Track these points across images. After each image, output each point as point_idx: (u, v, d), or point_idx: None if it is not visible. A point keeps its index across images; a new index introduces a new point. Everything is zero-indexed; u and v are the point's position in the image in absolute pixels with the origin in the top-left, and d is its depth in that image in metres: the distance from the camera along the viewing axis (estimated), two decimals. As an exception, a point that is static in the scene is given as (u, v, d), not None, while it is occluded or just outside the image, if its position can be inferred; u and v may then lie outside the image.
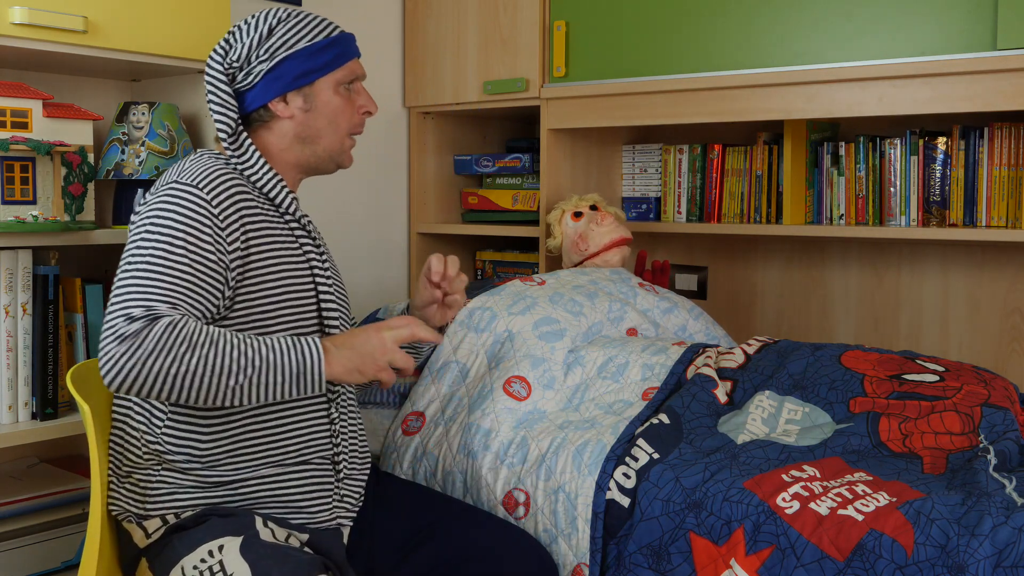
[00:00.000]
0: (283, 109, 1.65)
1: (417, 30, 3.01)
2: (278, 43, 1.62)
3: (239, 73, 1.63)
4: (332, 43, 1.66)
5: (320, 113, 1.66)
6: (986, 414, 1.78)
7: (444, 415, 2.05)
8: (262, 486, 1.57)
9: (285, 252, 1.61)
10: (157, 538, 1.54)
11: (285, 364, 1.44)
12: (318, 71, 1.64)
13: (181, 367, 1.38)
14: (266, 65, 1.62)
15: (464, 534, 1.70)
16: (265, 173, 1.62)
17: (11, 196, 1.87)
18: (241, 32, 1.64)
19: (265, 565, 1.43)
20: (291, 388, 1.45)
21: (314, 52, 1.64)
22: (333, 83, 1.66)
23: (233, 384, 1.41)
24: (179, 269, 1.46)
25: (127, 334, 1.37)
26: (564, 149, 2.84)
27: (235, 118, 1.63)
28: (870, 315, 2.77)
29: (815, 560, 1.52)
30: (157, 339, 1.37)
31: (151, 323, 1.38)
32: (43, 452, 2.20)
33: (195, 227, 1.49)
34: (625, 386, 2.04)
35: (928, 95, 2.21)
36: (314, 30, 1.65)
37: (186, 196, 1.51)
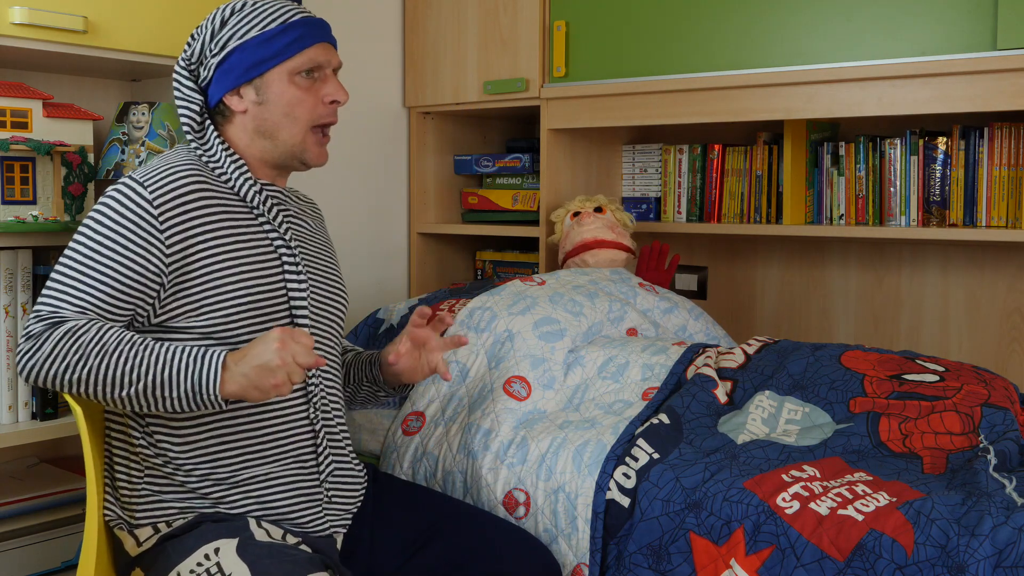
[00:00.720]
0: (237, 103, 1.58)
1: (417, 30, 3.01)
2: (228, 34, 1.56)
3: (199, 67, 1.59)
4: (286, 29, 1.56)
5: (273, 105, 1.58)
6: (986, 414, 1.78)
7: (444, 415, 2.05)
8: (248, 494, 1.55)
9: (250, 249, 1.56)
10: (149, 547, 1.53)
11: (178, 381, 1.40)
12: (268, 60, 1.55)
13: (74, 375, 1.40)
14: (217, 58, 1.56)
15: (466, 535, 1.69)
16: (229, 167, 1.57)
17: (11, 196, 1.87)
18: (201, 28, 1.59)
19: (264, 565, 1.42)
20: (186, 404, 1.42)
21: (264, 40, 1.55)
22: (287, 73, 1.57)
23: (123, 394, 1.41)
24: (101, 273, 1.45)
25: (31, 334, 1.42)
26: (564, 149, 2.84)
27: (196, 113, 1.59)
28: (870, 315, 2.77)
29: (815, 560, 1.52)
30: (53, 345, 1.40)
31: (52, 327, 1.41)
32: (43, 452, 2.20)
33: (128, 228, 1.47)
34: (625, 386, 2.04)
35: (928, 95, 2.21)
36: (267, 18, 1.56)
37: (127, 196, 1.48)
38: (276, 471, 1.57)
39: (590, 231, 2.53)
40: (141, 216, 1.47)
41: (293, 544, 1.53)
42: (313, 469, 1.61)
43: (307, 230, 1.71)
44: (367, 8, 2.94)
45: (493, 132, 3.30)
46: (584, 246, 2.52)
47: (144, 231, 1.47)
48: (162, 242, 1.48)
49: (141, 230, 1.47)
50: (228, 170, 1.58)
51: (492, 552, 1.67)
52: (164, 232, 1.48)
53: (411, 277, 3.12)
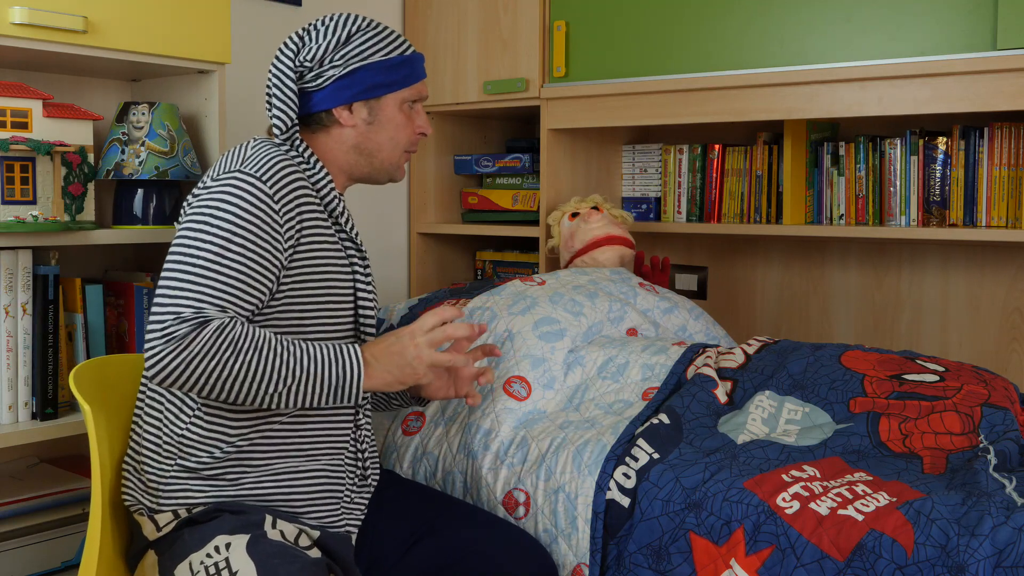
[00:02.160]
0: (347, 117, 1.65)
1: (417, 30, 3.01)
2: (354, 51, 1.63)
3: (308, 73, 1.63)
4: (405, 61, 1.67)
5: (382, 127, 1.67)
6: (986, 414, 1.78)
7: (444, 415, 2.05)
8: (278, 485, 1.58)
9: (331, 254, 1.61)
10: (168, 532, 1.55)
11: (325, 376, 1.47)
12: (388, 86, 1.65)
13: (224, 371, 1.41)
14: (338, 71, 1.62)
15: (463, 534, 1.69)
16: (318, 172, 1.62)
17: (11, 196, 1.87)
18: (318, 33, 1.63)
19: (271, 564, 1.43)
20: (328, 398, 1.49)
21: (387, 67, 1.65)
22: (399, 100, 1.68)
23: (273, 392, 1.45)
24: (235, 270, 1.47)
25: (176, 335, 1.40)
26: (564, 149, 2.84)
27: (293, 116, 1.62)
28: (870, 315, 2.77)
29: (815, 560, 1.52)
30: (204, 343, 1.40)
31: (200, 327, 1.41)
32: (43, 452, 2.20)
33: (255, 223, 1.49)
34: (625, 386, 2.04)
35: (928, 95, 2.21)
36: (389, 45, 1.66)
37: (248, 188, 1.51)
38: (315, 468, 1.61)
39: (600, 228, 2.53)
40: (266, 209, 1.51)
41: (305, 546, 1.55)
42: (353, 469, 1.66)
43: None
44: (367, 8, 2.94)
45: (493, 132, 3.30)
46: (596, 243, 2.52)
47: (270, 225, 1.51)
48: (282, 236, 1.53)
49: (268, 223, 1.51)
50: (318, 177, 1.63)
51: (488, 552, 1.68)
52: (283, 225, 1.53)
53: (411, 277, 3.12)
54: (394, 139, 1.69)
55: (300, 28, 1.66)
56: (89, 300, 2.02)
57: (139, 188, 2.12)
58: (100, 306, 2.04)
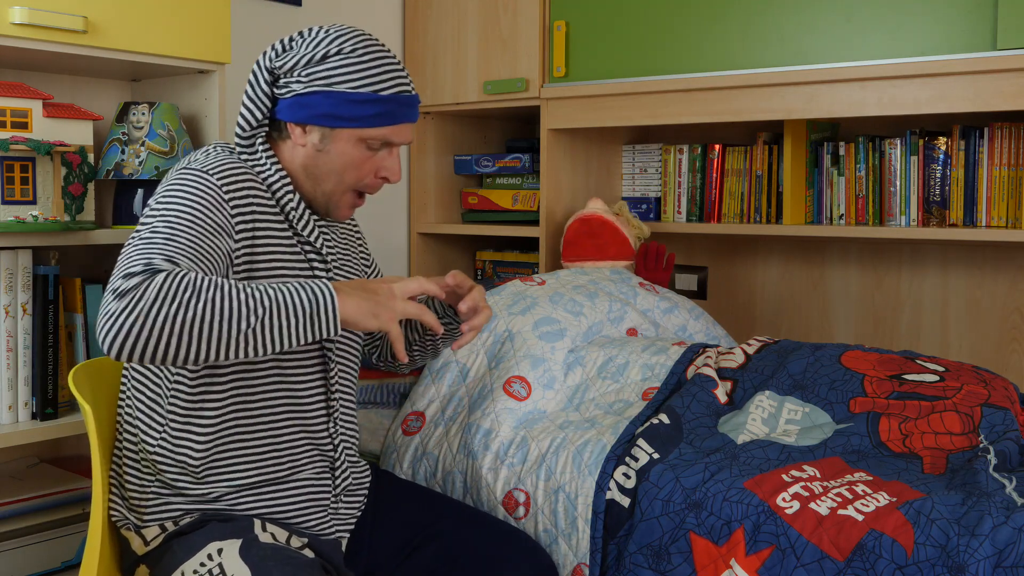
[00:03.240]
0: (299, 136, 1.57)
1: (417, 30, 3.01)
2: (321, 74, 1.53)
3: (280, 79, 1.57)
4: (376, 101, 1.54)
5: (330, 159, 1.57)
6: (986, 414, 1.78)
7: (444, 415, 2.05)
8: (258, 500, 1.56)
9: (287, 257, 1.56)
10: (156, 545, 1.54)
11: (296, 304, 1.35)
12: (342, 120, 1.54)
13: (187, 314, 1.27)
14: (300, 87, 1.54)
15: (463, 536, 1.69)
16: (274, 174, 1.57)
17: (11, 196, 1.87)
18: (302, 43, 1.56)
19: (266, 567, 1.42)
20: (305, 330, 1.35)
21: (349, 101, 1.53)
22: (356, 137, 1.56)
23: (245, 328, 1.31)
24: (185, 235, 1.39)
25: (126, 289, 1.27)
26: (564, 149, 2.84)
27: (260, 118, 1.57)
28: (870, 315, 2.77)
29: (815, 560, 1.52)
30: (158, 288, 1.27)
31: (151, 276, 1.29)
32: (43, 452, 2.20)
33: (204, 205, 1.44)
34: (625, 386, 2.04)
35: (928, 95, 2.21)
36: (366, 79, 1.54)
37: (196, 180, 1.47)
38: (290, 481, 1.58)
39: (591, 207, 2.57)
40: (215, 198, 1.46)
41: (297, 547, 1.54)
42: (327, 479, 1.63)
43: (340, 244, 1.72)
44: (367, 8, 2.94)
45: (493, 132, 3.30)
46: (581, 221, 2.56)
47: (219, 212, 1.46)
48: (232, 227, 1.48)
49: (217, 210, 1.46)
50: (272, 179, 1.57)
51: (488, 554, 1.67)
52: (233, 219, 1.48)
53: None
54: (339, 175, 1.58)
55: (297, 32, 1.61)
56: (89, 300, 2.02)
57: (139, 188, 2.11)
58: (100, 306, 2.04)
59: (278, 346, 1.35)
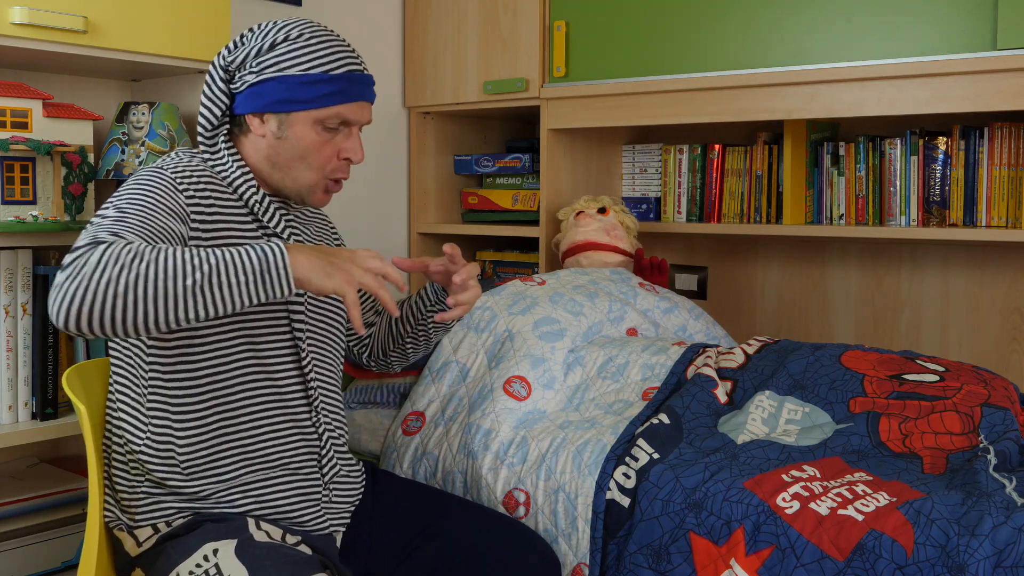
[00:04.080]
0: (258, 126, 1.58)
1: (417, 30, 3.01)
2: (271, 61, 1.55)
3: (235, 75, 1.58)
4: (328, 80, 1.55)
5: (291, 145, 1.58)
6: (986, 414, 1.78)
7: (444, 415, 2.05)
8: (247, 496, 1.56)
9: None
10: (149, 547, 1.53)
11: (244, 260, 1.31)
12: (298, 103, 1.55)
13: (128, 274, 1.26)
14: (252, 78, 1.56)
15: (466, 532, 1.69)
16: (235, 171, 1.58)
17: (11, 196, 1.87)
18: (251, 37, 1.59)
19: (263, 566, 1.42)
20: (256, 288, 1.32)
21: (301, 83, 1.54)
22: (312, 120, 1.56)
23: (189, 283, 1.27)
24: (135, 216, 1.40)
25: (69, 261, 1.28)
26: (564, 149, 2.84)
27: (219, 115, 1.59)
28: (870, 315, 2.77)
29: (815, 560, 1.52)
30: (100, 254, 1.27)
31: (93, 247, 1.28)
32: (43, 452, 2.20)
33: (156, 195, 1.46)
34: (625, 386, 2.04)
35: (928, 95, 2.21)
36: (316, 60, 1.55)
37: (149, 174, 1.51)
38: (277, 473, 1.58)
39: (583, 232, 2.54)
40: (169, 189, 1.49)
41: (292, 544, 1.54)
42: (316, 472, 1.62)
43: (309, 235, 1.71)
44: (367, 8, 2.94)
45: (493, 132, 3.30)
46: (577, 247, 2.54)
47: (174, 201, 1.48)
48: (186, 213, 1.49)
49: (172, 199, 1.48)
50: (233, 176, 1.58)
51: (492, 548, 1.67)
52: (188, 207, 1.50)
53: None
54: (305, 160, 1.58)
55: (246, 29, 1.61)
56: (89, 300, 2.02)
57: (139, 188, 2.12)
58: (100, 306, 2.04)
59: (228, 304, 1.31)
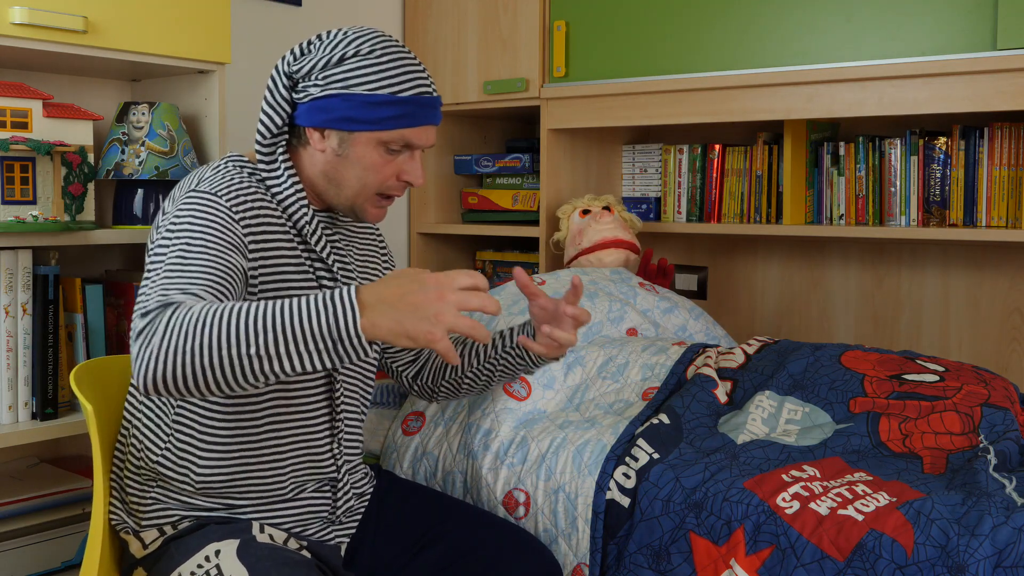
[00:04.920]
0: (318, 141, 1.54)
1: (417, 30, 3.01)
2: (339, 76, 1.50)
3: (299, 83, 1.54)
4: (395, 103, 1.50)
5: (350, 162, 1.54)
6: (986, 414, 1.78)
7: (444, 415, 2.05)
8: (257, 512, 1.57)
9: (293, 273, 1.54)
10: (154, 549, 1.54)
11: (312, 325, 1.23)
12: (361, 123, 1.50)
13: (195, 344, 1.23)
14: (318, 91, 1.51)
15: (467, 537, 1.69)
16: (288, 188, 1.54)
17: (11, 196, 1.87)
18: (320, 46, 1.54)
19: (263, 567, 1.43)
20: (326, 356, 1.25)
21: (367, 103, 1.50)
22: (376, 140, 1.52)
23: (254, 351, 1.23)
24: (198, 262, 1.38)
25: (140, 329, 1.27)
26: (564, 149, 2.84)
27: (280, 124, 1.54)
28: (870, 315, 2.77)
29: (815, 560, 1.52)
30: (167, 323, 1.25)
31: (162, 311, 1.27)
32: (43, 452, 2.20)
33: (216, 229, 1.43)
34: (625, 386, 2.04)
35: (928, 95, 2.21)
36: (384, 81, 1.50)
37: (206, 202, 1.46)
38: (293, 498, 1.59)
39: (609, 230, 2.53)
40: (226, 220, 1.45)
41: (295, 548, 1.54)
42: (329, 498, 1.64)
43: (355, 256, 1.69)
44: (367, 8, 2.94)
45: (493, 132, 3.30)
46: (604, 244, 2.52)
47: (232, 234, 1.45)
48: (243, 243, 1.46)
49: (230, 232, 1.45)
50: (286, 194, 1.55)
51: (493, 553, 1.67)
52: (245, 238, 1.47)
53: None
54: (362, 179, 1.55)
55: (316, 35, 1.58)
56: (89, 300, 2.02)
57: (139, 188, 2.12)
58: (100, 306, 2.04)
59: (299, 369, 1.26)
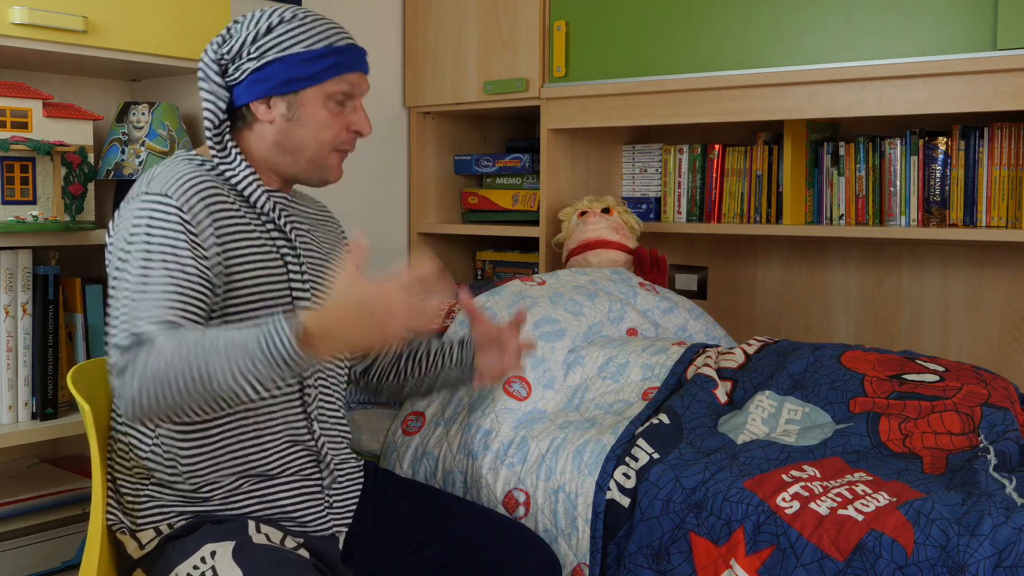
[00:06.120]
0: (264, 112, 1.56)
1: (417, 30, 3.01)
2: (271, 43, 1.54)
3: (230, 66, 1.56)
4: (331, 52, 1.56)
5: (303, 124, 1.57)
6: (986, 414, 1.78)
7: (444, 415, 2.05)
8: (250, 498, 1.56)
9: (261, 255, 1.56)
10: (151, 549, 1.54)
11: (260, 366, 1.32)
12: (306, 80, 1.54)
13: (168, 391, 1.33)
14: (254, 63, 1.54)
15: (467, 531, 1.69)
16: (241, 172, 1.56)
17: (11, 196, 1.87)
18: (241, 25, 1.56)
19: (259, 569, 1.43)
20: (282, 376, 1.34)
21: (307, 59, 1.54)
22: (322, 95, 1.57)
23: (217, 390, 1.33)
24: (161, 284, 1.42)
25: (121, 367, 1.36)
26: (564, 149, 2.84)
27: (221, 110, 1.56)
28: (870, 315, 2.77)
29: (815, 560, 1.52)
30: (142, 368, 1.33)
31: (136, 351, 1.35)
32: (43, 452, 2.20)
33: (172, 238, 1.45)
34: (625, 386, 2.04)
35: (928, 95, 2.21)
36: (314, 36, 1.55)
37: (156, 207, 1.47)
38: (279, 480, 1.59)
39: (594, 230, 2.54)
40: (178, 223, 1.46)
41: (292, 548, 1.54)
42: (316, 478, 1.63)
43: (314, 236, 1.71)
44: (367, 8, 2.94)
45: (493, 132, 3.30)
46: (587, 245, 2.53)
47: (185, 236, 1.46)
48: (201, 245, 1.48)
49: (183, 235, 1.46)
50: (240, 175, 1.56)
51: (493, 548, 1.67)
52: (199, 236, 1.48)
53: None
54: (317, 137, 1.58)
55: (232, 20, 1.60)
56: (89, 300, 2.02)
57: (139, 188, 2.12)
58: (100, 306, 2.04)
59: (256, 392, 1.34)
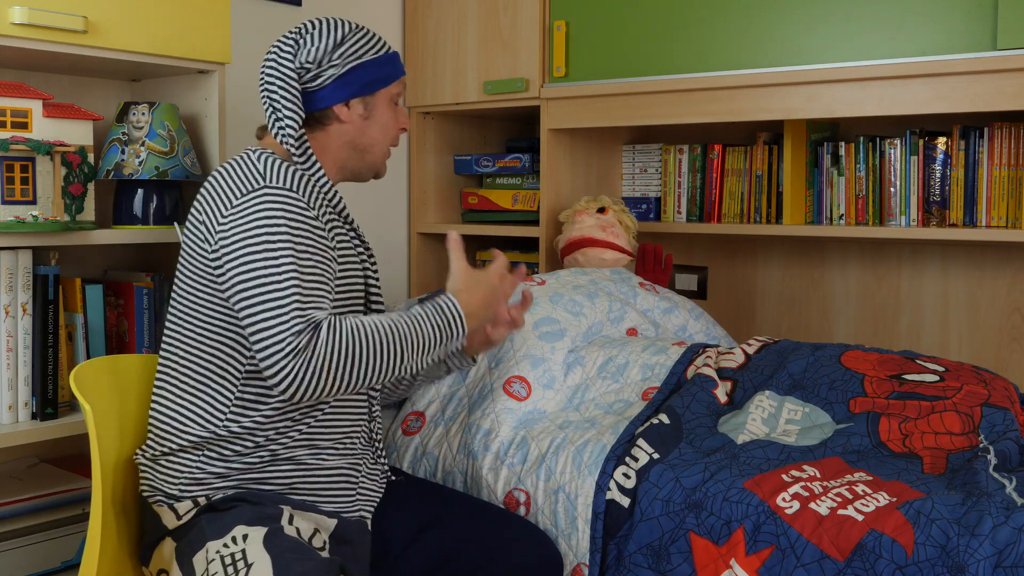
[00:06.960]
0: (345, 114, 1.72)
1: (417, 30, 3.01)
2: (350, 51, 1.71)
3: (307, 73, 1.69)
4: (390, 59, 1.77)
5: (376, 122, 1.76)
6: (986, 414, 1.78)
7: (444, 415, 2.05)
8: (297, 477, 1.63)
9: (346, 251, 1.70)
10: (188, 519, 1.58)
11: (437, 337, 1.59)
12: (380, 82, 1.74)
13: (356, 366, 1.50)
14: (337, 70, 1.70)
15: (468, 525, 1.73)
16: (320, 172, 1.69)
17: (11, 196, 1.87)
18: (312, 35, 1.70)
19: (286, 559, 1.47)
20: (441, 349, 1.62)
21: (377, 64, 1.74)
22: (388, 96, 1.77)
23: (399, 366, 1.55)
24: (312, 272, 1.55)
25: (298, 347, 1.47)
26: (564, 149, 2.84)
27: (302, 117, 1.68)
28: (870, 315, 2.77)
29: (815, 560, 1.52)
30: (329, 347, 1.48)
31: (314, 333, 1.48)
32: (43, 452, 2.20)
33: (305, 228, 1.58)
34: (625, 386, 2.04)
35: (928, 95, 2.21)
36: (376, 44, 1.76)
37: (285, 200, 1.58)
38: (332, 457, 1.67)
39: (579, 229, 2.55)
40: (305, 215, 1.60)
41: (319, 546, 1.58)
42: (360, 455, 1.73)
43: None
44: (367, 8, 2.94)
45: (493, 132, 3.30)
46: (572, 244, 2.54)
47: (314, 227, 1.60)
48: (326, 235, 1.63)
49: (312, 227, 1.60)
50: (321, 175, 1.69)
51: (496, 539, 1.71)
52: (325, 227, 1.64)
53: (411, 277, 3.12)
54: (385, 134, 1.78)
55: (291, 31, 1.72)
56: (89, 300, 2.02)
57: (139, 188, 2.11)
58: (100, 306, 2.04)
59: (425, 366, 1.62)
